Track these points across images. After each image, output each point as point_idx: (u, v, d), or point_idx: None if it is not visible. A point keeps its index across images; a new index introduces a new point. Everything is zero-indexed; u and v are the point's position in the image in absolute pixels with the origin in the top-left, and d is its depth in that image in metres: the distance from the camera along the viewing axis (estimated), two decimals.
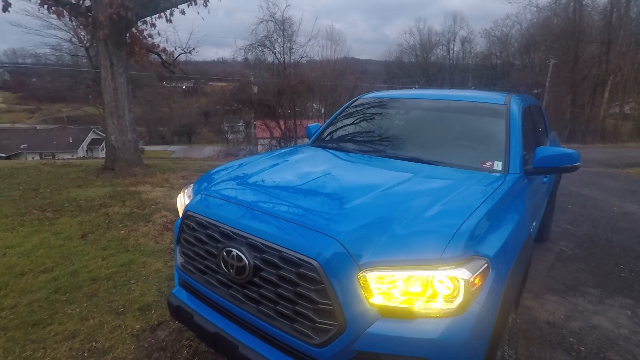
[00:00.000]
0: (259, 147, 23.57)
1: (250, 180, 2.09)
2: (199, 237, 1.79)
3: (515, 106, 2.67)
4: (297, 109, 23.84)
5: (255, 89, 24.19)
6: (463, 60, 45.19)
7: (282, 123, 21.97)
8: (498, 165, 2.26)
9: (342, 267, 1.39)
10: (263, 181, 2.08)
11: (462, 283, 1.36)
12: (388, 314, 1.39)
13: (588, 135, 24.51)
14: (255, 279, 1.56)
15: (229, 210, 1.74)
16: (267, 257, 1.51)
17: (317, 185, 1.97)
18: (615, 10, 24.76)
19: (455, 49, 46.65)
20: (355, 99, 3.45)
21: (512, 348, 1.96)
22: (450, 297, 1.37)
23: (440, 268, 1.37)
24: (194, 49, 9.76)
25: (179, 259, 1.95)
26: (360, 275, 1.39)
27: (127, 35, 7.64)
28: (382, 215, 1.58)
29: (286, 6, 47.05)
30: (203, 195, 1.93)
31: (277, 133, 22.17)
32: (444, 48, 46.62)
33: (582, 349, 2.58)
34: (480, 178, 2.08)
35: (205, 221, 1.76)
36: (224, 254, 1.61)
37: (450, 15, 64.31)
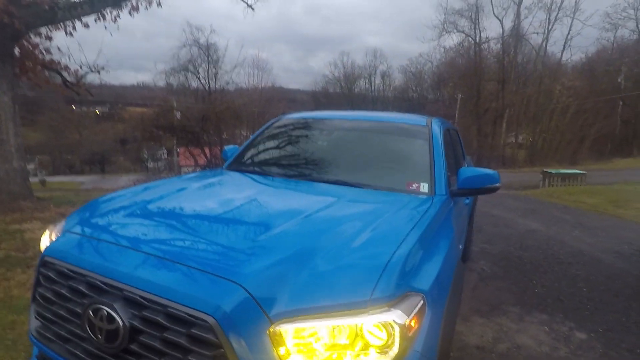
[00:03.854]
0: None
1: (140, 211, 1.69)
2: (59, 291, 1.33)
3: (436, 128, 2.67)
4: (224, 136, 23.11)
5: (178, 114, 22.97)
6: (383, 93, 48.49)
7: (207, 150, 21.02)
8: (424, 187, 2.18)
9: (247, 321, 1.09)
10: (157, 211, 1.70)
11: (397, 329, 1.12)
12: None
13: (492, 161, 27.57)
14: (133, 347, 1.16)
15: (100, 252, 1.33)
16: (148, 315, 1.14)
17: (224, 215, 1.65)
18: (506, 55, 28.86)
19: (376, 81, 50.00)
20: (276, 119, 3.22)
21: None
22: (385, 348, 1.12)
23: (371, 312, 1.12)
24: (103, 68, 8.74)
25: (34, 323, 1.45)
26: (273, 330, 1.10)
27: (15, 47, 6.60)
28: (302, 247, 1.32)
29: (210, 31, 46.32)
30: (68, 234, 1.49)
31: (202, 160, 21.11)
32: (366, 81, 49.66)
33: None
34: (408, 201, 1.96)
35: (68, 269, 1.32)
36: (90, 313, 1.19)
37: (371, 51, 69.05)
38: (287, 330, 1.10)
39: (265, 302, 1.11)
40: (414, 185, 2.20)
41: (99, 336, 1.17)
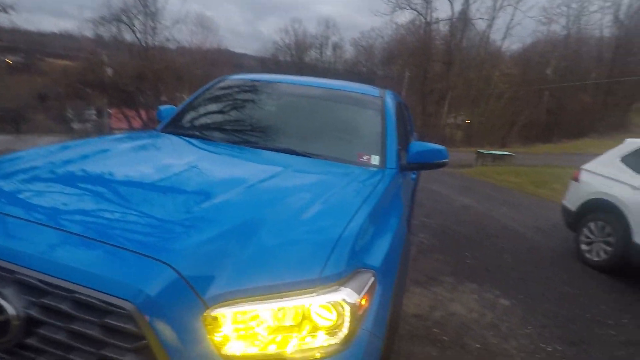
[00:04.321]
0: None
1: (53, 175, 1.41)
2: None
3: (389, 100, 2.61)
4: (163, 99, 21.46)
5: (110, 71, 20.76)
6: (335, 65, 48.11)
7: (143, 113, 19.43)
8: (375, 160, 2.12)
9: (176, 307, 0.93)
10: (75, 176, 1.43)
11: (347, 309, 1.04)
12: None
13: (433, 140, 28.81)
14: (30, 341, 0.94)
15: None
16: (50, 303, 0.93)
17: (157, 182, 1.44)
18: (453, 37, 29.85)
19: (327, 53, 49.34)
20: (220, 79, 2.94)
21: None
22: (334, 329, 1.04)
23: (320, 291, 1.02)
24: (11, 7, 7.45)
25: None
26: (208, 315, 0.95)
27: None
28: (244, 219, 1.18)
29: None
30: None
31: (137, 123, 19.51)
32: (318, 51, 48.84)
33: (445, 338, 2.66)
34: (359, 173, 1.88)
35: None
36: None
37: (324, 20, 67.50)
38: (225, 315, 0.96)
39: (200, 283, 0.96)
40: (364, 157, 2.12)
41: None
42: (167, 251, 0.99)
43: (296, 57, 44.83)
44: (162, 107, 2.85)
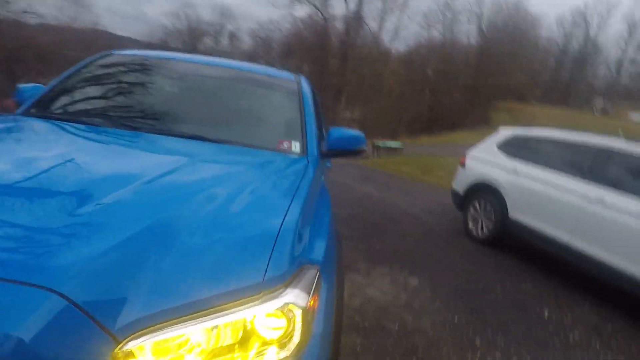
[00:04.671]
0: None
1: None
2: None
3: (305, 85, 2.50)
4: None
5: None
6: (232, 56, 46.43)
7: None
8: (296, 147, 1.97)
9: (70, 348, 0.67)
10: None
11: (298, 313, 0.87)
12: None
13: None
14: None
15: None
16: None
17: (23, 182, 1.05)
18: (348, 35, 31.38)
19: (224, 42, 47.25)
20: (103, 53, 2.44)
21: None
22: (285, 339, 0.86)
23: (265, 297, 0.83)
24: None
25: None
26: (119, 351, 0.71)
27: None
28: (151, 222, 0.92)
29: None
30: None
31: None
32: (213, 39, 46.43)
33: (366, 324, 2.69)
34: (281, 161, 1.72)
35: None
36: None
37: (218, 8, 64.43)
38: (144, 347, 0.73)
39: (102, 310, 0.72)
40: (284, 144, 1.96)
41: None
42: (48, 271, 0.71)
43: (189, 44, 41.86)
44: (24, 86, 2.25)
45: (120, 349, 0.71)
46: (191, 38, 43.48)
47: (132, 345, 0.72)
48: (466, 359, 2.45)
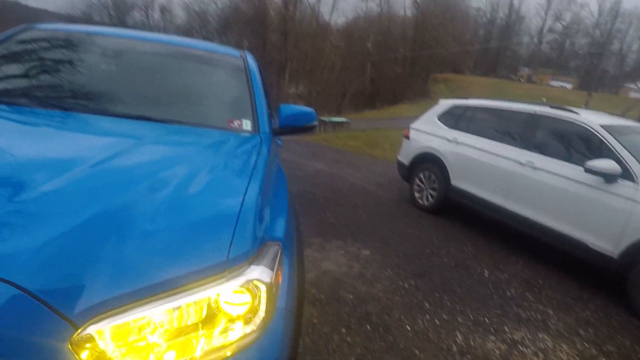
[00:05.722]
0: None
1: None
2: None
3: (251, 61, 2.41)
4: None
5: None
6: (164, 31, 43.18)
7: None
8: (247, 125, 1.92)
9: (25, 338, 0.68)
10: None
11: (263, 289, 0.89)
12: None
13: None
14: None
15: None
16: None
17: None
18: (286, 9, 30.48)
19: (155, 16, 43.73)
20: (22, 27, 2.13)
21: None
22: (250, 314, 0.88)
23: (229, 276, 0.85)
24: None
25: None
26: (78, 337, 0.72)
27: None
28: (104, 208, 0.89)
29: None
30: None
31: None
32: (143, 13, 42.75)
33: (322, 296, 2.76)
34: (234, 139, 1.68)
35: None
36: None
37: None
38: (104, 331, 0.74)
39: (59, 297, 0.72)
40: (235, 123, 1.91)
41: None
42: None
43: (116, 18, 38.18)
44: None
45: (79, 334, 0.71)
46: (117, 12, 39.66)
47: (91, 329, 0.72)
48: (416, 321, 2.61)
